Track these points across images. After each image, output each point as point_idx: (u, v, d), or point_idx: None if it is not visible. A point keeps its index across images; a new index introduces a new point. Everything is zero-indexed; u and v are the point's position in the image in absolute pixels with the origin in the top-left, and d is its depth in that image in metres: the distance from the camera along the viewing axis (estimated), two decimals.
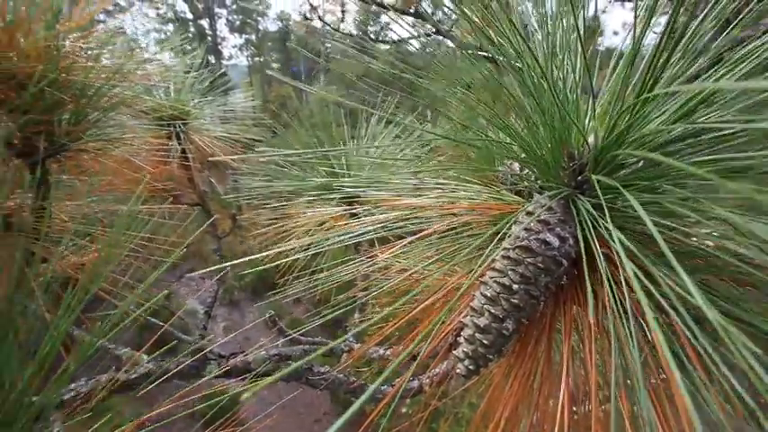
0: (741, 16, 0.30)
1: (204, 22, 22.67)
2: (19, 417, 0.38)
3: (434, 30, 4.03)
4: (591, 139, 0.32)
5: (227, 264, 0.39)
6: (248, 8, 23.67)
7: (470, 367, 0.32)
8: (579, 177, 0.32)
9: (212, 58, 22.10)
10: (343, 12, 4.63)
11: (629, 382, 0.26)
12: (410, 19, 4.18)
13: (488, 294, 0.32)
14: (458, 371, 0.33)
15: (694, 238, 0.28)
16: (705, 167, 0.26)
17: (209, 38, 22.52)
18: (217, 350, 0.90)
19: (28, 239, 0.59)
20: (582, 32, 0.30)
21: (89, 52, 0.62)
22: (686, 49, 0.29)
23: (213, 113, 1.27)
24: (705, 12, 0.30)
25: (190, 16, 22.43)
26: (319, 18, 4.33)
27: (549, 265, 0.30)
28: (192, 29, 22.01)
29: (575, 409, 0.31)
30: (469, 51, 0.45)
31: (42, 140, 0.60)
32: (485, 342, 0.32)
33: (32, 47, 0.53)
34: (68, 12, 0.64)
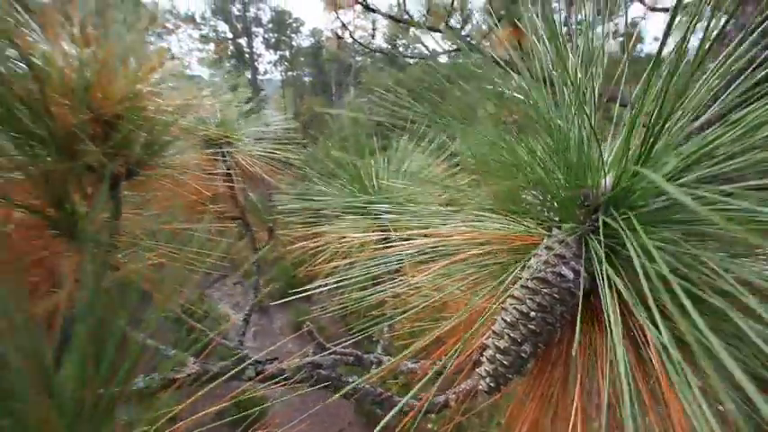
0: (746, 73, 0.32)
1: (242, 41, 23.88)
2: (102, 405, 0.45)
3: (464, 43, 4.06)
4: (604, 182, 0.35)
5: (249, 272, 0.45)
6: (283, 25, 24.68)
7: (491, 384, 0.36)
8: (593, 216, 0.35)
9: (249, 74, 23.19)
10: (373, 29, 4.79)
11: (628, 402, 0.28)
12: (439, 35, 4.24)
13: (508, 319, 0.36)
14: (480, 387, 0.37)
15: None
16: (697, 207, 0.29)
17: (247, 55, 23.68)
18: (252, 355, 0.96)
19: (103, 250, 0.68)
20: (595, 96, 0.34)
21: (160, 90, 0.72)
22: (685, 108, 0.32)
23: (253, 134, 1.38)
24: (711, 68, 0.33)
25: (230, 36, 23.72)
26: (350, 35, 4.49)
27: (563, 295, 0.34)
28: (231, 47, 23.22)
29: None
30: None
31: (118, 167, 0.70)
32: (504, 362, 0.35)
33: (118, 92, 0.63)
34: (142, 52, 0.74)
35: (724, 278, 0.24)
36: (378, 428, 0.20)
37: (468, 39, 4.15)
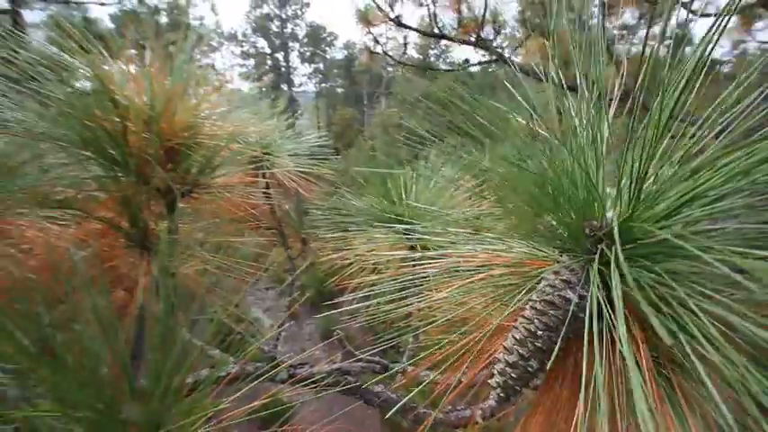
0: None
1: (279, 56, 24.95)
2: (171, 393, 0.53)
3: (496, 56, 4.02)
4: (609, 215, 0.39)
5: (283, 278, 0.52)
6: (318, 40, 25.55)
7: (501, 395, 0.40)
8: (599, 245, 0.39)
9: (285, 86, 24.14)
10: (405, 43, 4.90)
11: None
12: (469, 47, 4.24)
13: (517, 337, 0.40)
14: (490, 397, 0.41)
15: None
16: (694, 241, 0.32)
17: (283, 69, 24.70)
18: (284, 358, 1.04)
19: (164, 258, 0.77)
20: (605, 140, 0.38)
21: (215, 117, 0.82)
22: (682, 151, 0.35)
23: (290, 151, 1.48)
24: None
25: (268, 51, 24.86)
26: (382, 50, 4.61)
27: (568, 317, 0.37)
28: (269, 62, 24.31)
29: None
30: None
31: (177, 186, 0.80)
32: (513, 376, 0.39)
33: (181, 123, 0.73)
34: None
35: (698, 316, 0.27)
36: None
37: (500, 50, 4.15)
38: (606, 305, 0.34)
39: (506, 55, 4.10)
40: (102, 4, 4.81)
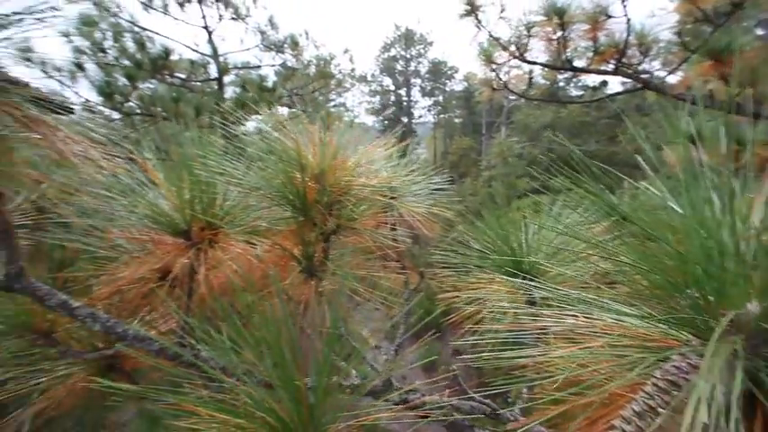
0: None
1: (402, 91, 26.92)
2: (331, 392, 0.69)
3: (641, 83, 3.54)
4: (750, 307, 0.39)
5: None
6: (439, 74, 26.65)
7: None
8: (734, 337, 0.39)
9: (405, 119, 25.76)
10: (530, 77, 4.78)
11: None
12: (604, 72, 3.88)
13: (636, 409, 0.41)
14: None
15: None
16: None
17: (405, 102, 26.48)
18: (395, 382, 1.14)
19: (320, 281, 0.98)
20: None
21: (362, 173, 1.03)
22: None
23: (414, 192, 1.65)
24: None
25: (392, 88, 27.10)
26: (505, 85, 4.60)
27: (694, 402, 0.38)
28: (392, 97, 26.44)
29: None
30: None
31: (330, 225, 1.02)
32: None
33: (340, 178, 0.95)
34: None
35: None
36: None
37: (648, 75, 3.67)
38: (738, 399, 0.35)
39: (654, 79, 3.57)
40: (273, 66, 6.15)
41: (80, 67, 4.34)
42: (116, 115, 4.70)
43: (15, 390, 0.87)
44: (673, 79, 3.42)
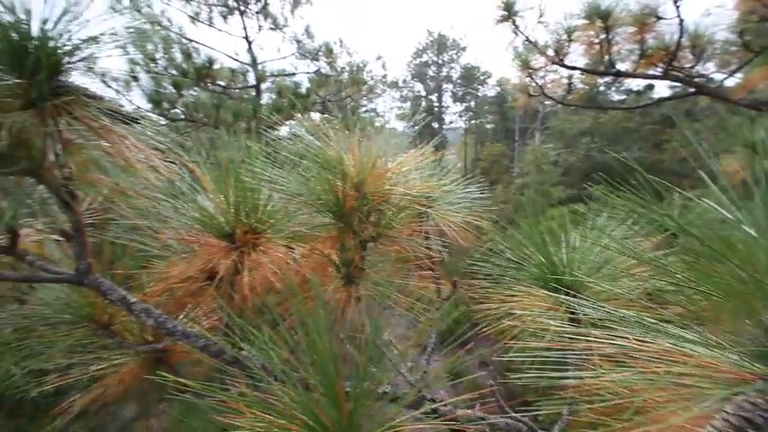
0: None
1: (433, 97, 26.85)
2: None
3: (693, 87, 3.26)
4: None
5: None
6: (471, 79, 26.36)
7: None
8: None
9: (435, 124, 25.67)
10: (569, 83, 4.62)
11: None
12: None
13: None
14: None
15: None
16: None
17: (436, 108, 26.38)
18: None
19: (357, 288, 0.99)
20: None
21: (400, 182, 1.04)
22: None
23: (449, 201, 1.64)
24: None
25: (423, 93, 27.10)
26: (542, 92, 4.47)
27: None
28: (423, 103, 26.45)
29: None
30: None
31: (369, 233, 1.03)
32: None
33: (378, 188, 0.96)
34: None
35: None
36: None
37: (704, 78, 3.40)
38: None
39: (710, 82, 3.27)
40: (308, 73, 6.35)
41: (134, 77, 4.68)
42: (162, 121, 5.01)
43: (76, 375, 0.94)
44: (730, 82, 3.11)
